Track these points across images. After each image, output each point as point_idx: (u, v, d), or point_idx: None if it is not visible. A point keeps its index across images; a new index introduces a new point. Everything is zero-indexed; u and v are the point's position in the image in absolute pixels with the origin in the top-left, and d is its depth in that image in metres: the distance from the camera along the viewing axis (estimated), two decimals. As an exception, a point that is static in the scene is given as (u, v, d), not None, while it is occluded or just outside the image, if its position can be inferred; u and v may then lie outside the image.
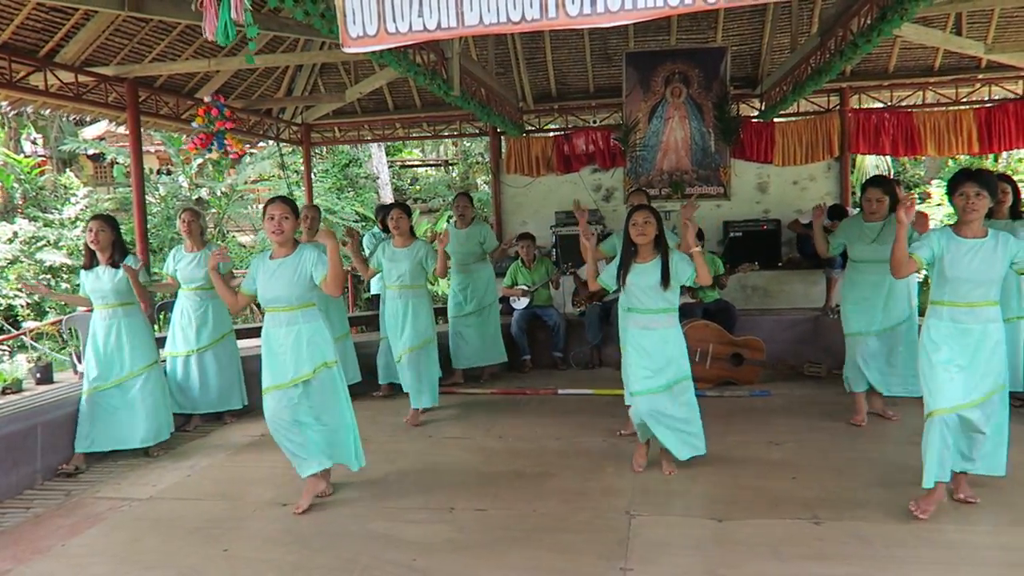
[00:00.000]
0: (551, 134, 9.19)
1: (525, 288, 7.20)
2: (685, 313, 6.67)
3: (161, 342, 5.81)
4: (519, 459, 4.60)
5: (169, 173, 16.79)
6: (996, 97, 8.35)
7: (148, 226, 6.63)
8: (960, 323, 3.43)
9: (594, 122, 9.13)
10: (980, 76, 8.19)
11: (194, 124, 6.61)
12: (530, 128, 9.23)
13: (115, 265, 4.75)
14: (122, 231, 5.04)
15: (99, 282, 4.77)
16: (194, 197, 15.24)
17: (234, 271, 5.67)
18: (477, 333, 6.52)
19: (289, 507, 3.89)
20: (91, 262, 4.80)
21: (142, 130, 7.12)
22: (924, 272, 4.45)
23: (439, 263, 5.26)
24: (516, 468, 4.43)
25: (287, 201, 3.80)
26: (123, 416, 4.79)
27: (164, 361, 5.50)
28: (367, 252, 6.66)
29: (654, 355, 4.03)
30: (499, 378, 6.84)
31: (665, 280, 3.95)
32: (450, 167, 19.99)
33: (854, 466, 4.22)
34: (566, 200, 8.75)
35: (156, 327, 6.60)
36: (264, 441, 5.07)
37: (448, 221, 6.84)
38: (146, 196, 9.02)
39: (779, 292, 7.99)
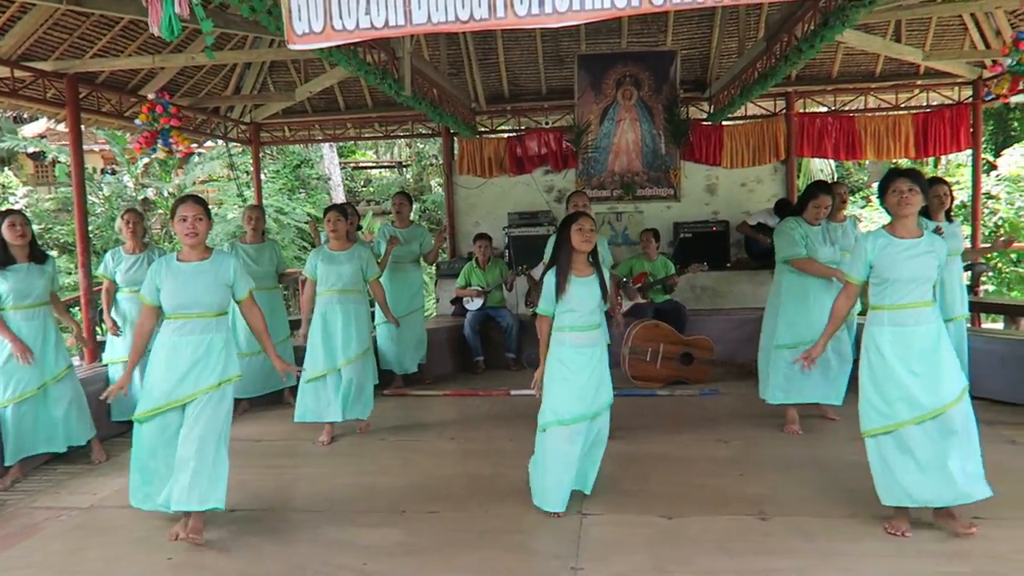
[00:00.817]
0: (504, 135, 9.20)
1: (479, 289, 7.19)
2: (636, 313, 6.78)
3: (101, 346, 5.65)
4: (471, 460, 4.59)
5: (114, 173, 16.33)
6: (933, 103, 8.64)
7: (91, 227, 6.44)
8: (903, 326, 3.32)
9: (546, 124, 9.18)
10: (918, 82, 8.46)
11: (137, 121, 6.43)
12: (483, 129, 9.23)
13: (39, 261, 4.58)
14: (62, 231, 4.87)
15: (23, 282, 4.49)
16: (140, 197, 14.86)
17: None
18: (404, 337, 6.38)
19: (237, 513, 3.82)
20: (6, 260, 4.46)
21: (84, 128, 6.90)
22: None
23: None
24: (468, 470, 4.42)
25: (199, 201, 3.56)
26: (48, 419, 4.58)
27: (105, 366, 5.35)
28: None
29: (589, 375, 3.70)
30: (451, 380, 6.82)
31: (605, 294, 3.77)
32: (404, 169, 19.88)
33: (799, 463, 4.32)
34: (519, 201, 8.79)
35: (98, 330, 6.40)
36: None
37: (390, 222, 6.74)
38: (89, 196, 8.76)
39: (728, 292, 8.13)
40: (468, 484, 4.18)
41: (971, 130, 8.30)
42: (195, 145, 10.58)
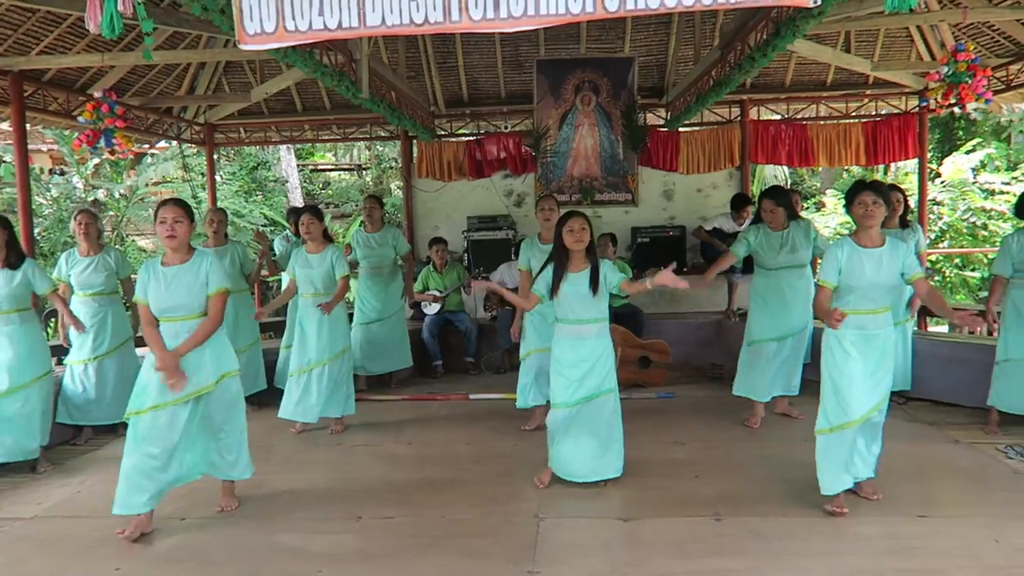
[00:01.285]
0: (463, 139, 9.18)
1: (437, 293, 7.16)
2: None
3: (52, 350, 5.48)
4: (428, 465, 4.56)
5: (63, 173, 15.86)
6: (882, 112, 8.87)
7: (39, 229, 6.25)
8: (865, 329, 3.53)
9: (506, 128, 9.18)
10: (868, 92, 8.69)
11: (80, 119, 6.26)
12: (442, 133, 9.20)
13: (12, 267, 4.44)
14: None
15: None
16: (89, 199, 14.44)
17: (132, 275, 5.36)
18: (385, 339, 6.41)
19: (188, 521, 3.74)
20: None
21: (30, 127, 6.70)
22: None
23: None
24: (425, 475, 4.40)
25: (180, 203, 3.58)
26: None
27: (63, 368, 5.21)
28: (277, 255, 6.48)
29: (580, 366, 3.94)
30: (409, 384, 6.78)
31: (595, 287, 3.88)
32: (363, 172, 19.72)
33: (753, 464, 4.39)
34: (478, 205, 8.78)
35: (47, 333, 6.21)
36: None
37: (359, 226, 6.69)
38: (37, 197, 8.50)
39: (684, 296, 8.19)
40: (425, 489, 4.15)
41: (918, 138, 8.54)
42: (147, 146, 10.35)
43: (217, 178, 9.90)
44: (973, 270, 11.83)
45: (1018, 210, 4.79)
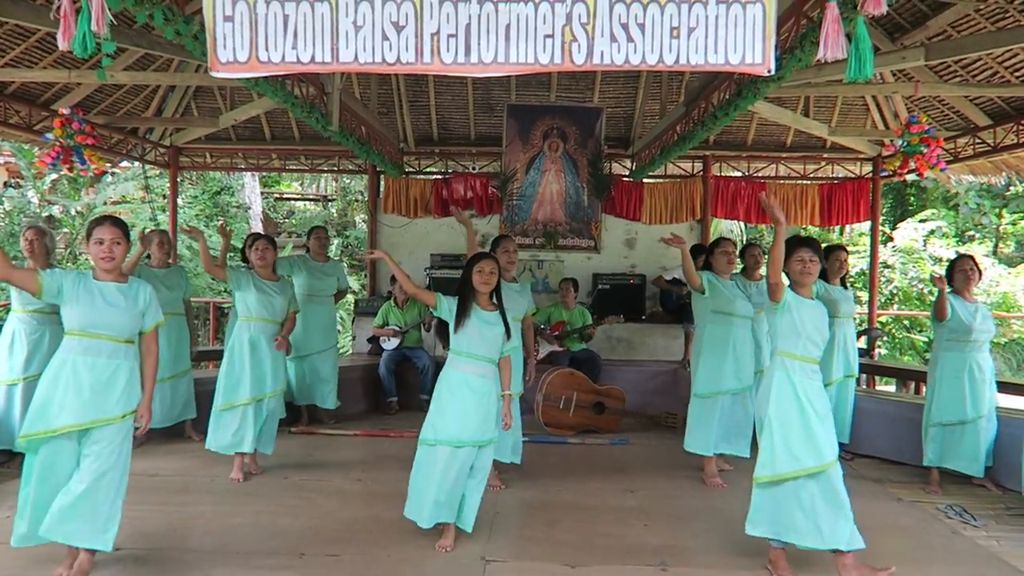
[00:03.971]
0: (431, 177, 9.25)
1: (396, 328, 7.12)
2: (552, 361, 6.85)
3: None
4: (377, 503, 4.49)
5: (18, 187, 15.51)
6: (838, 175, 9.19)
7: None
8: (809, 378, 3.54)
9: (474, 168, 9.28)
10: (825, 155, 9.00)
11: (49, 136, 6.17)
12: (410, 169, 9.25)
13: None
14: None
15: None
16: (44, 214, 14.13)
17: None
18: (313, 372, 6.27)
19: (123, 551, 3.60)
20: None
21: (-13, 138, 6.59)
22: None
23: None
24: (373, 512, 4.32)
25: (118, 223, 3.39)
26: None
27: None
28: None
29: (478, 406, 3.81)
30: (363, 419, 6.69)
31: (509, 332, 3.90)
32: (329, 203, 19.65)
33: (702, 514, 4.41)
34: (443, 243, 8.81)
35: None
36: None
37: (306, 252, 6.57)
38: (-13, 209, 8.30)
39: (642, 344, 8.32)
40: (372, 527, 4.08)
41: (871, 203, 8.85)
42: (109, 165, 10.20)
43: (179, 201, 9.77)
44: (920, 332, 12.18)
45: (948, 276, 4.96)
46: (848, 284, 5.50)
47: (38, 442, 3.24)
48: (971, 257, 5.02)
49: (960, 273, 4.89)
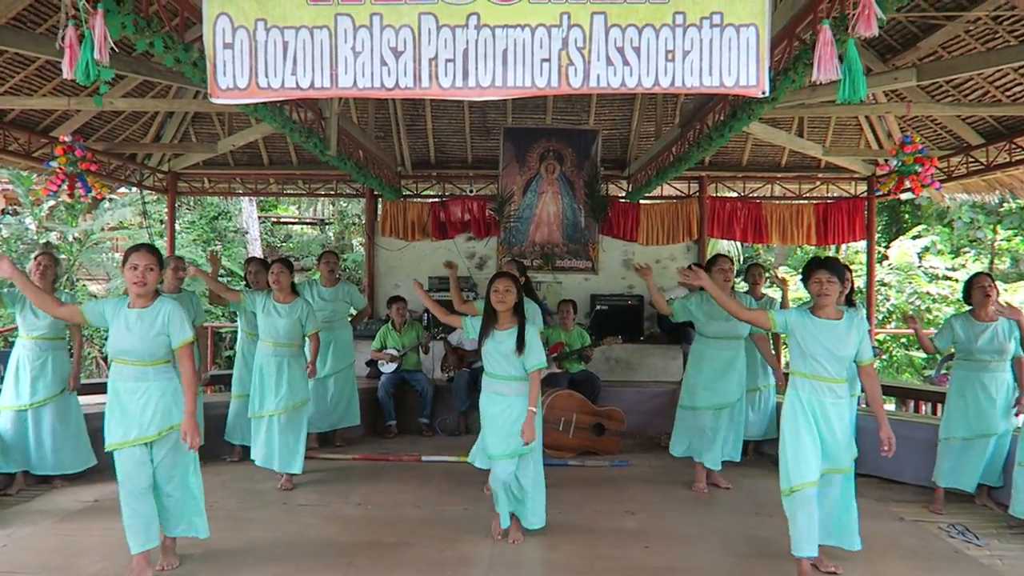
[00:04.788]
0: (428, 200, 9.29)
1: (394, 352, 7.11)
2: (551, 382, 6.82)
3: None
4: (376, 527, 4.45)
5: (16, 214, 15.54)
6: (833, 195, 9.24)
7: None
8: (819, 396, 3.63)
9: (471, 191, 9.33)
10: (819, 175, 9.07)
11: (52, 163, 6.19)
12: (407, 193, 9.30)
13: None
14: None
15: None
16: (42, 240, 14.14)
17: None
18: (333, 395, 6.32)
19: (117, 580, 3.58)
20: None
21: (-14, 166, 6.61)
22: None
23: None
24: (373, 537, 4.29)
25: (153, 251, 3.57)
26: None
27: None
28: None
29: (501, 421, 4.05)
30: (362, 443, 6.65)
31: (520, 347, 3.97)
32: (326, 227, 19.70)
33: (703, 536, 4.38)
34: (440, 266, 8.79)
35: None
36: (97, 508, 4.67)
37: (314, 278, 6.64)
38: (-16, 236, 8.32)
39: (640, 365, 8.30)
40: (371, 552, 4.04)
41: (866, 221, 8.90)
42: (108, 191, 10.24)
43: (176, 226, 9.79)
44: (918, 349, 12.18)
45: (965, 295, 5.02)
46: (855, 302, 5.51)
47: (115, 449, 3.55)
48: (988, 274, 5.04)
49: (979, 290, 4.89)
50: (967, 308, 5.02)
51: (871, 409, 3.85)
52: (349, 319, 6.62)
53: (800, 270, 4.10)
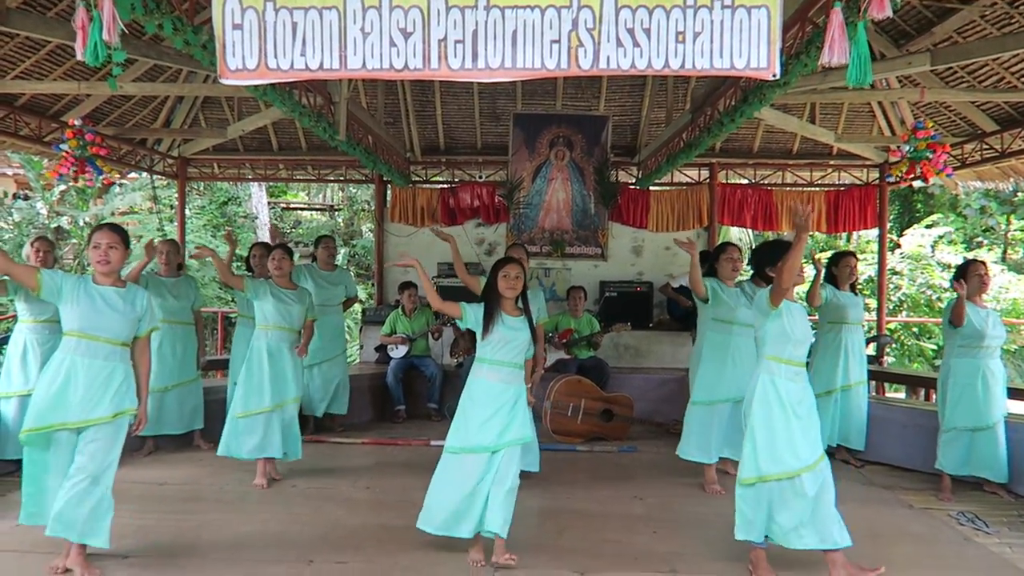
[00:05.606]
0: (437, 186, 9.28)
1: (404, 337, 7.13)
2: (560, 368, 6.84)
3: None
4: (385, 511, 4.48)
5: (27, 198, 15.62)
6: (844, 182, 9.17)
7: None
8: (795, 381, 3.55)
9: (480, 177, 9.31)
10: (831, 162, 8.99)
11: (64, 147, 6.20)
12: (417, 179, 9.29)
13: None
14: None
15: None
16: (53, 225, 14.22)
17: None
18: (323, 381, 6.30)
19: (132, 559, 3.62)
20: None
21: (-2, 150, 6.65)
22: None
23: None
24: (381, 520, 4.32)
25: (116, 229, 3.54)
26: None
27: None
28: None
29: (499, 412, 3.75)
30: (371, 428, 6.69)
31: (534, 337, 3.90)
32: (335, 212, 19.72)
33: (711, 522, 4.38)
34: (449, 252, 8.79)
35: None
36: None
37: (312, 262, 6.64)
38: (-3, 221, 8.39)
39: (649, 352, 8.30)
40: (379, 535, 4.07)
41: (878, 209, 8.83)
42: (118, 176, 10.28)
43: (186, 211, 9.83)
44: (929, 339, 12.12)
45: (958, 277, 4.88)
46: (858, 291, 5.48)
47: (36, 438, 3.38)
48: (983, 262, 4.99)
49: (975, 277, 4.83)
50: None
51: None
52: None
53: (754, 252, 4.09)
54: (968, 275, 4.84)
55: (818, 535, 3.43)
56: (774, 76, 2.62)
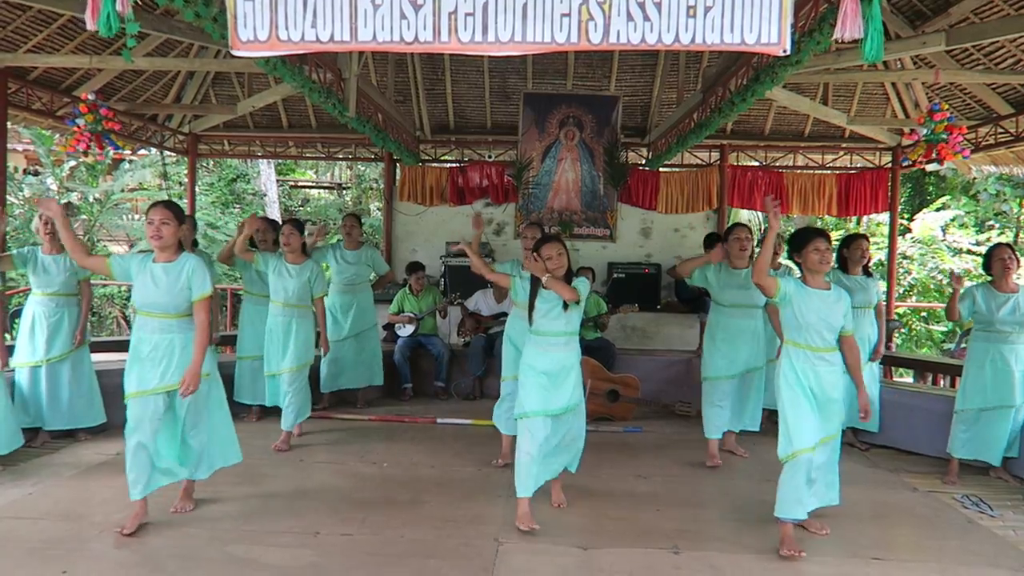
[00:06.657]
0: (446, 165, 9.27)
1: (411, 316, 7.16)
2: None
3: (10, 350, 5.39)
4: (391, 486, 4.53)
5: (37, 174, 15.68)
6: (856, 165, 9.10)
7: (9, 229, 6.15)
8: (813, 365, 3.66)
9: (489, 157, 9.29)
10: (843, 145, 8.92)
11: (79, 121, 6.21)
12: (426, 158, 9.27)
13: None
14: None
15: None
16: (63, 201, 14.28)
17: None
18: (354, 356, 6.40)
19: (141, 527, 3.67)
20: None
21: (10, 125, 6.65)
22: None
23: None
24: (387, 494, 4.36)
25: (170, 205, 3.71)
26: None
27: (11, 371, 5.10)
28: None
29: (561, 377, 3.94)
30: (378, 405, 6.73)
31: (564, 304, 3.90)
32: (344, 191, 19.72)
33: (714, 500, 4.42)
34: (457, 231, 8.82)
35: (8, 335, 6.11)
36: (118, 461, 4.73)
37: (336, 242, 6.71)
38: (8, 196, 8.42)
39: (656, 333, 8.31)
40: (385, 509, 4.12)
41: (889, 193, 8.77)
42: (129, 152, 10.32)
43: (195, 188, 9.86)
44: (938, 323, 12.07)
45: (985, 265, 4.96)
46: (871, 272, 5.45)
47: (132, 402, 3.66)
48: (1009, 245, 4.97)
49: (998, 262, 4.84)
50: (988, 279, 4.96)
51: (851, 376, 3.82)
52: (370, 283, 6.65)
53: (787, 240, 4.09)
54: (991, 260, 4.87)
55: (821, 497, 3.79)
56: (784, 52, 2.60)
